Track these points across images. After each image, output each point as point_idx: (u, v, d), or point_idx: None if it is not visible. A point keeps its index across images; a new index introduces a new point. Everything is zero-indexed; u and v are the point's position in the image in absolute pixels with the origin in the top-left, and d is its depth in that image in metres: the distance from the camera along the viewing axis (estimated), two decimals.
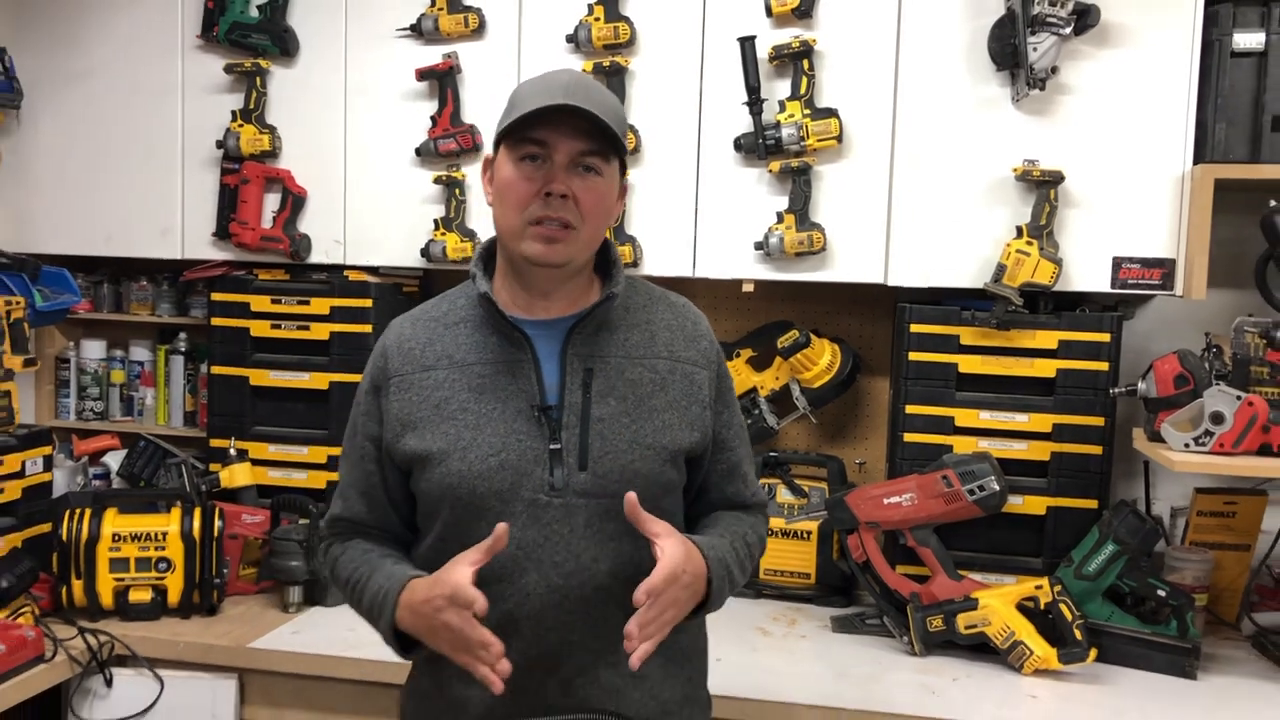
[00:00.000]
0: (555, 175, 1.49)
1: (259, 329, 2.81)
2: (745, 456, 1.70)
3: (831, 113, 2.47)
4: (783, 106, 2.48)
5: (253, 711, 2.34)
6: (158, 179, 2.84)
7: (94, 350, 3.14)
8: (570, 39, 2.58)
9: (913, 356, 2.55)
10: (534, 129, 1.48)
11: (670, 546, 1.43)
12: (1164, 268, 2.40)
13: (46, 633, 2.25)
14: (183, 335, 3.09)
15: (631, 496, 1.44)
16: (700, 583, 1.48)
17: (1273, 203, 2.30)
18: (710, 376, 1.64)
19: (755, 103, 2.47)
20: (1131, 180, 2.39)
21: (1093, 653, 2.25)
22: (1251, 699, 2.19)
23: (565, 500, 1.51)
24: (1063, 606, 2.28)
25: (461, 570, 1.41)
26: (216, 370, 2.85)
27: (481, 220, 2.68)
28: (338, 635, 2.38)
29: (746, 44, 2.47)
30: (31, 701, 2.19)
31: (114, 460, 3.03)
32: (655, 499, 1.54)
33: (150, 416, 3.13)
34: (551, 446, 1.52)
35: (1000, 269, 2.42)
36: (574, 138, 1.49)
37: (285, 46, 2.71)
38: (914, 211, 2.49)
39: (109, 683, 2.31)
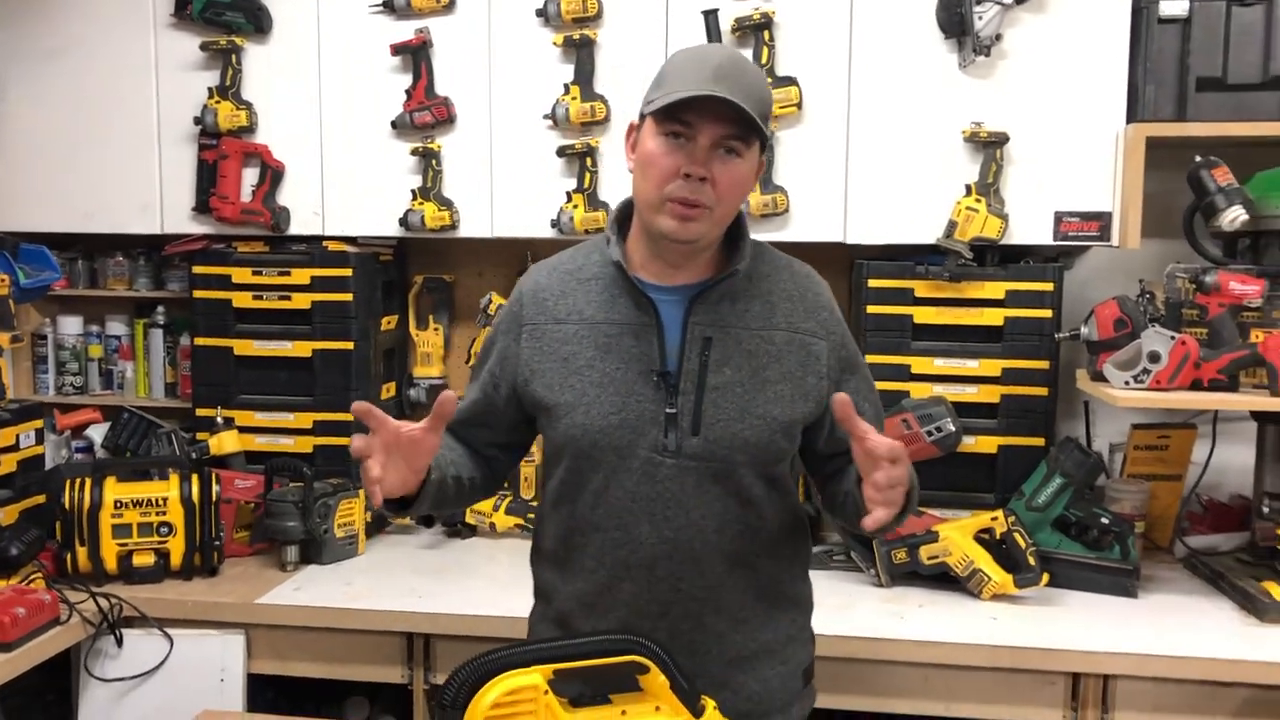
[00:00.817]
0: (697, 157, 1.54)
1: (241, 300, 2.89)
2: (874, 419, 1.73)
3: (791, 81, 2.61)
4: None
5: (260, 665, 2.44)
6: (135, 155, 2.89)
7: (72, 326, 3.19)
8: (540, 13, 2.69)
9: (871, 309, 2.71)
10: (680, 110, 1.53)
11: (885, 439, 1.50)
12: (1101, 220, 2.58)
13: (61, 596, 2.33)
14: (161, 309, 3.16)
15: (843, 398, 1.48)
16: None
17: (1198, 158, 2.49)
18: (830, 346, 1.69)
19: None
20: (1070, 139, 2.57)
21: (1045, 577, 2.45)
22: (1186, 612, 2.40)
23: (678, 461, 1.61)
24: (1016, 536, 2.47)
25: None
26: (200, 341, 2.92)
27: (458, 189, 2.79)
28: (337, 590, 2.50)
29: (710, 16, 2.59)
30: (40, 666, 2.27)
31: (97, 433, 3.10)
32: (764, 465, 1.65)
33: (131, 389, 3.20)
34: (668, 410, 1.61)
35: (951, 225, 2.59)
36: (718, 122, 1.53)
37: (259, 24, 2.78)
38: (870, 173, 2.64)
39: (120, 643, 2.40)
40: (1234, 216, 2.42)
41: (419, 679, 2.39)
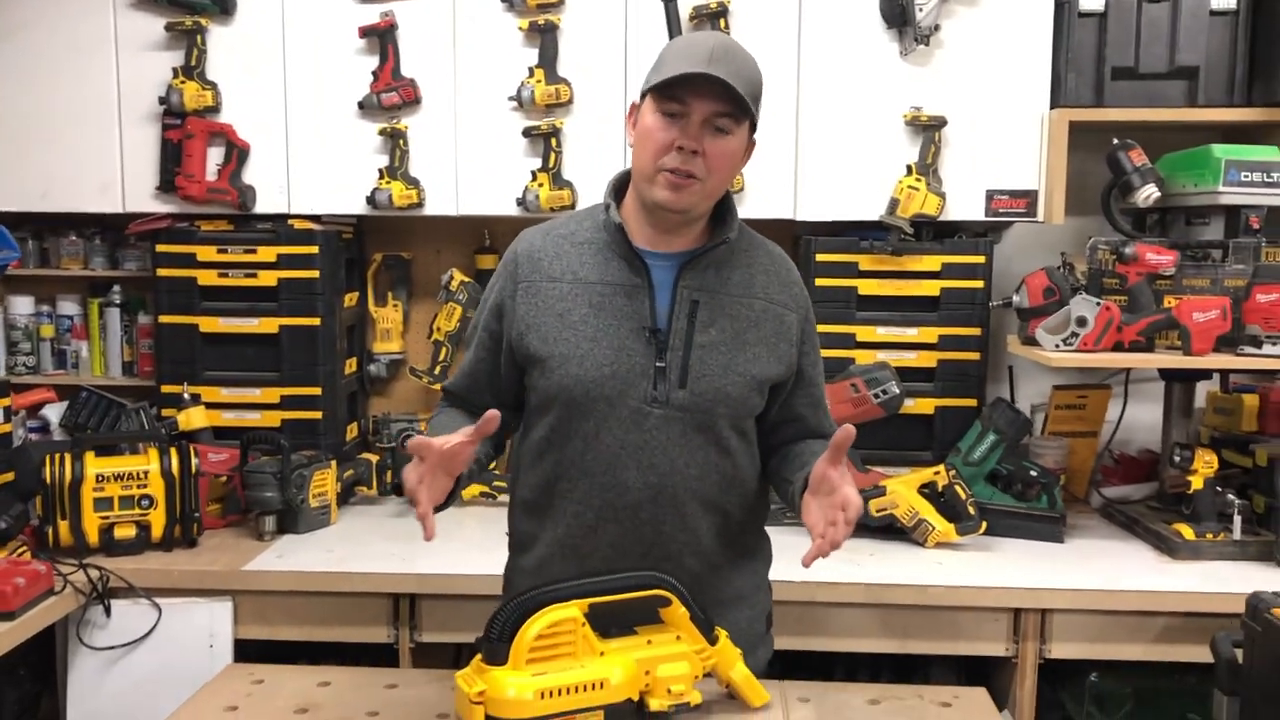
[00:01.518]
0: (690, 132, 1.67)
1: (206, 278, 2.94)
2: (823, 395, 1.93)
3: None
4: None
5: (247, 630, 2.51)
6: (95, 135, 2.91)
7: (23, 306, 3.19)
8: None
9: (818, 282, 2.90)
10: (676, 90, 1.66)
11: (854, 493, 1.62)
12: (1028, 198, 2.81)
13: (54, 568, 2.37)
14: (117, 288, 3.18)
15: (849, 430, 1.59)
16: None
17: (1116, 140, 2.74)
18: (799, 319, 1.85)
19: None
20: (1000, 123, 2.80)
21: (983, 524, 2.67)
22: (1109, 555, 2.65)
23: (665, 412, 1.75)
24: (957, 488, 2.68)
25: (441, 441, 1.61)
26: (165, 319, 2.96)
27: (424, 169, 2.89)
28: (318, 556, 2.59)
29: (670, 4, 2.74)
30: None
31: (52, 412, 3.11)
32: (740, 419, 1.80)
33: (85, 368, 3.22)
34: (657, 364, 1.75)
35: (894, 203, 2.79)
36: (710, 100, 1.66)
37: (224, 5, 2.83)
38: (818, 154, 2.83)
39: (108, 612, 2.45)
40: (1148, 194, 2.67)
41: (404, 638, 2.49)
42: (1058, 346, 2.60)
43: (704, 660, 1.65)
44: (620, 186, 1.85)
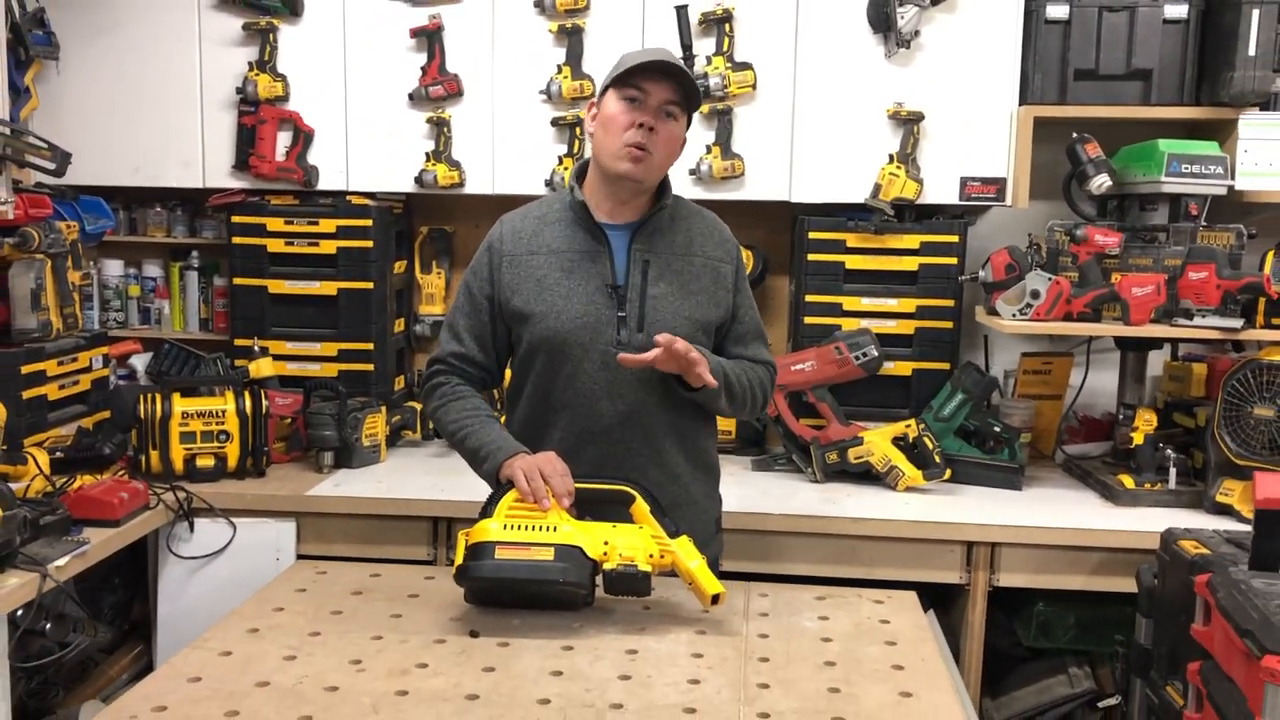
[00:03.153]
0: (648, 112, 2.09)
1: (275, 246, 3.36)
2: (753, 328, 2.30)
3: (748, 65, 3.15)
4: (710, 60, 3.14)
5: (308, 547, 2.92)
6: (180, 119, 3.33)
7: (114, 268, 3.63)
8: (537, 4, 3.18)
9: (811, 257, 3.26)
10: (637, 78, 2.09)
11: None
12: (998, 185, 3.15)
13: (151, 488, 2.81)
14: (195, 254, 3.61)
15: (665, 337, 2.01)
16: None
17: (1074, 135, 3.06)
18: (731, 269, 2.26)
19: (689, 58, 3.12)
20: (973, 117, 3.14)
21: (948, 472, 3.02)
22: (1059, 501, 2.99)
23: (629, 352, 2.12)
24: (926, 439, 3.04)
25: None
26: (238, 281, 3.39)
27: (465, 153, 3.29)
28: (370, 485, 3.00)
29: (681, 11, 3.11)
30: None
31: (139, 361, 3.55)
32: None
33: (167, 324, 3.65)
34: (619, 314, 2.15)
35: (877, 188, 3.14)
36: (664, 88, 2.09)
37: (293, 8, 3.24)
38: (811, 144, 3.19)
39: (192, 528, 2.87)
40: (1100, 183, 3.00)
41: (442, 556, 2.89)
42: (1014, 316, 2.94)
43: (661, 546, 1.96)
44: (580, 174, 2.25)
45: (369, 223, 3.33)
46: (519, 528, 1.95)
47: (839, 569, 2.81)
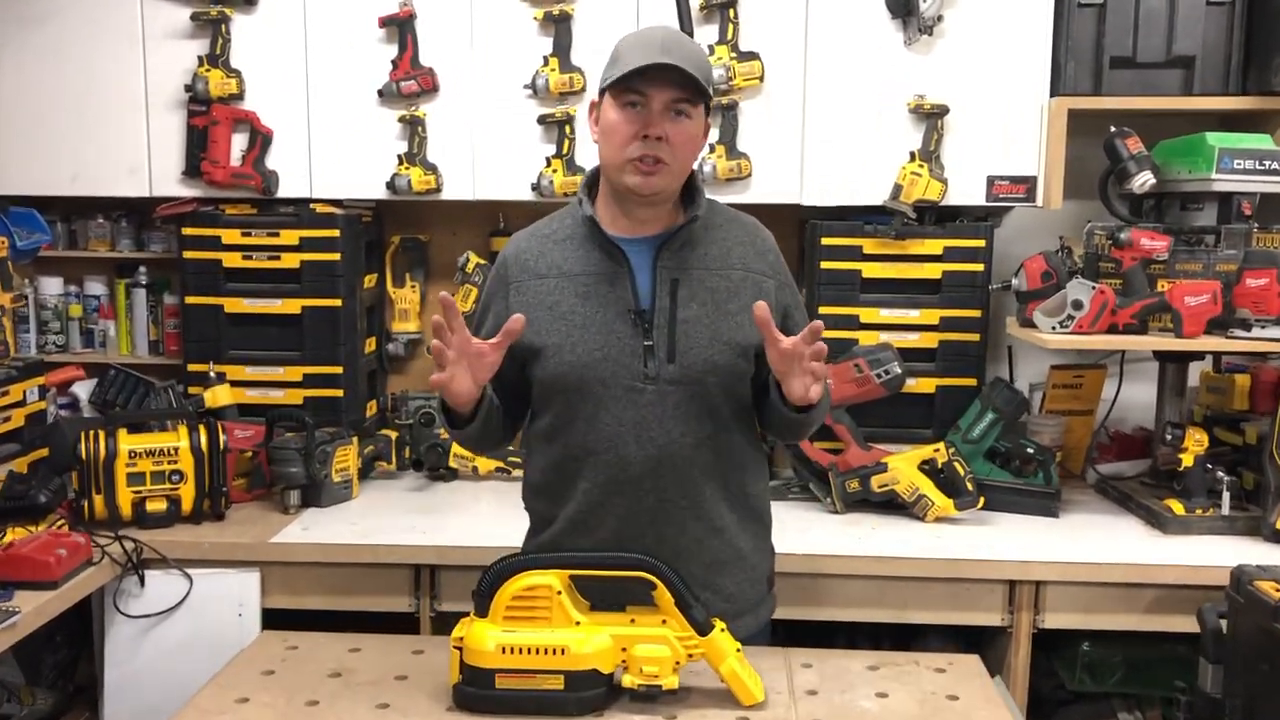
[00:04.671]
0: (652, 120, 1.80)
1: (231, 260, 3.04)
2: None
3: (754, 56, 2.86)
4: (712, 50, 2.85)
5: (274, 600, 2.62)
6: (123, 121, 3.00)
7: (52, 286, 3.30)
8: None
9: (824, 265, 2.99)
10: (634, 82, 1.79)
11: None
12: (1028, 183, 2.89)
13: (93, 539, 2.48)
14: (143, 269, 3.28)
15: (761, 305, 1.73)
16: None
17: (1113, 128, 2.81)
18: (776, 284, 1.96)
19: None
20: (1001, 111, 2.88)
21: (981, 500, 2.77)
22: (1101, 529, 2.75)
23: (658, 387, 1.86)
24: (956, 464, 2.78)
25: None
26: (191, 300, 3.06)
27: (442, 155, 2.98)
28: (343, 528, 2.70)
29: None
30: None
31: (82, 389, 3.21)
32: (730, 385, 1.91)
33: (113, 347, 3.32)
34: (645, 343, 1.86)
35: (897, 188, 2.87)
36: (668, 88, 1.79)
37: None
38: (824, 141, 2.91)
39: (142, 582, 2.56)
40: (1143, 181, 2.75)
41: (425, 607, 2.60)
42: (1054, 329, 2.69)
43: (689, 648, 1.71)
44: (592, 182, 1.96)
45: (335, 233, 3.02)
46: (522, 647, 1.70)
47: (867, 612, 2.57)
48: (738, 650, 1.74)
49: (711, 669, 1.73)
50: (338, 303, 3.04)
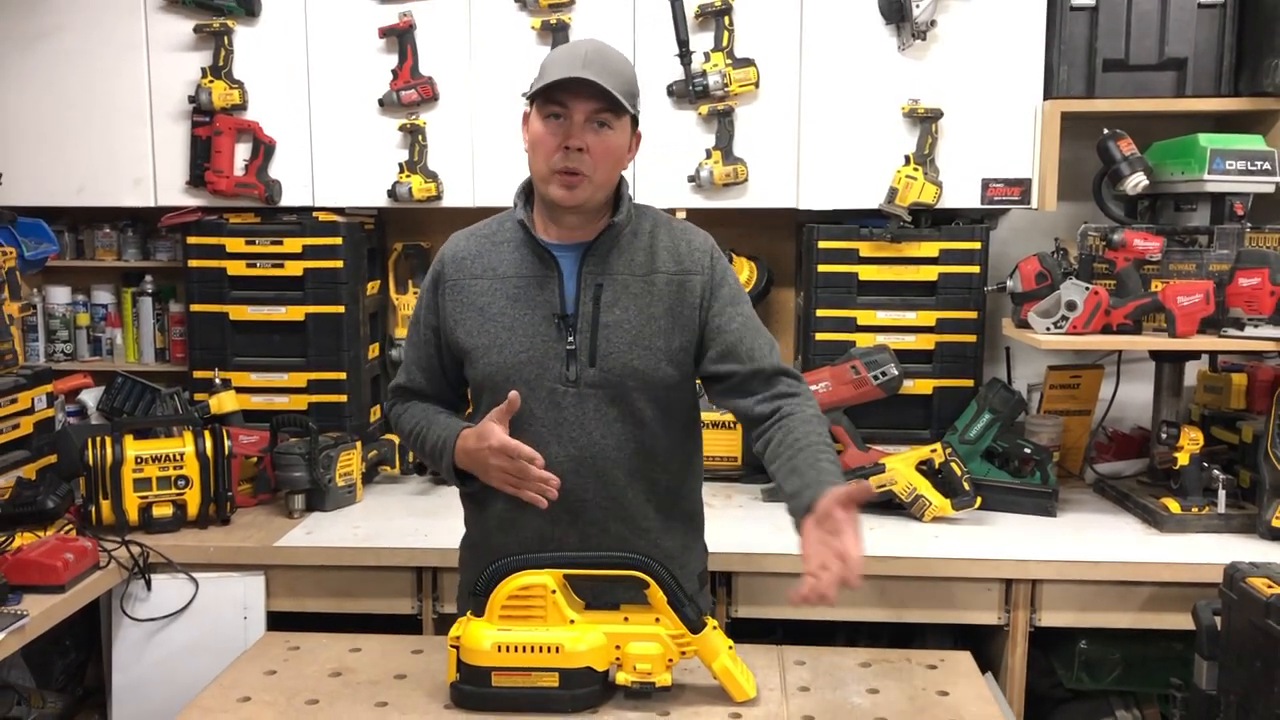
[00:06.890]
0: (573, 132, 1.82)
1: (235, 268, 3.08)
2: (746, 335, 1.94)
3: (750, 62, 2.89)
4: (708, 57, 2.89)
5: (278, 603, 2.65)
6: (128, 132, 3.05)
7: (60, 295, 3.34)
8: None
9: (821, 268, 3.02)
10: (556, 94, 1.82)
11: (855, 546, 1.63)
12: (1022, 186, 2.92)
13: (99, 544, 2.52)
14: (149, 278, 3.32)
15: (864, 489, 1.69)
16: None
17: (1106, 130, 2.83)
18: (703, 280, 1.94)
19: (685, 54, 2.87)
20: (995, 114, 2.90)
21: (978, 500, 2.79)
22: (1098, 528, 2.76)
23: (579, 390, 1.89)
24: (953, 465, 2.80)
25: (495, 429, 1.83)
26: (196, 308, 3.10)
27: (442, 163, 3.01)
28: (346, 532, 2.73)
29: (676, 3, 2.85)
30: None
31: (89, 397, 3.26)
32: (654, 390, 1.92)
33: (120, 355, 3.36)
34: (568, 346, 1.90)
35: (892, 192, 2.90)
36: (588, 100, 1.81)
37: (249, 7, 2.95)
38: (819, 146, 2.94)
39: (149, 586, 2.59)
40: (1136, 182, 2.77)
41: (428, 609, 2.63)
42: (1049, 329, 2.70)
43: (681, 645, 1.74)
44: (528, 189, 1.99)
45: (338, 241, 3.06)
46: (518, 645, 1.73)
47: (866, 612, 2.58)
48: (730, 647, 1.77)
49: (704, 666, 1.76)
50: (341, 309, 3.07)
